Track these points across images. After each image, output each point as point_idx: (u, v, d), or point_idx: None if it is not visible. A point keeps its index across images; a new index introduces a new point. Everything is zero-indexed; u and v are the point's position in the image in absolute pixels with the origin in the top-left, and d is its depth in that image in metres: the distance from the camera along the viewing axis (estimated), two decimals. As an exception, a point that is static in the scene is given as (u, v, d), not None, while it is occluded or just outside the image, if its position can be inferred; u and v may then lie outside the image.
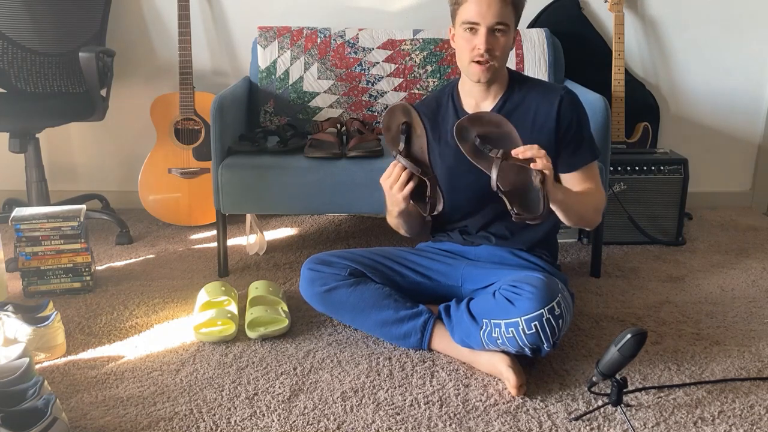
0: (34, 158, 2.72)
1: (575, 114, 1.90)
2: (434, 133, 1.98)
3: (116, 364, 1.88)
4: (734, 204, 3.25)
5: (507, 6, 1.79)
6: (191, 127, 2.86)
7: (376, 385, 1.79)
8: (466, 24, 1.81)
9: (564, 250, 2.70)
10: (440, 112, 1.99)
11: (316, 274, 1.96)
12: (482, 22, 1.78)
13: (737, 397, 1.74)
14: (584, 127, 1.92)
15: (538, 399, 1.73)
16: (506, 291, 1.75)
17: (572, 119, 1.89)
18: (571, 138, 1.89)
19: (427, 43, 2.71)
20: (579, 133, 1.90)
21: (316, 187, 2.30)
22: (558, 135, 1.89)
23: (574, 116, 1.90)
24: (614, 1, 2.89)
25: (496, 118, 1.72)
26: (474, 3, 1.78)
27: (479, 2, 1.78)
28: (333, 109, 2.71)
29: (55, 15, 2.77)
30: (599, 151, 1.97)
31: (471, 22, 1.80)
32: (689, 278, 2.46)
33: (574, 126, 1.89)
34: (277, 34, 2.73)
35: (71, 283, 2.30)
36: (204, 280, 2.36)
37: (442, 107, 1.99)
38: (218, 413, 1.67)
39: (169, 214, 2.92)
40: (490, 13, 1.77)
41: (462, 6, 1.81)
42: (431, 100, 2.04)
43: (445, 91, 2.02)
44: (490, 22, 1.78)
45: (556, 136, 1.89)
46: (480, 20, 1.78)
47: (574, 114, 1.90)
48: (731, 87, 3.11)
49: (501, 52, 1.83)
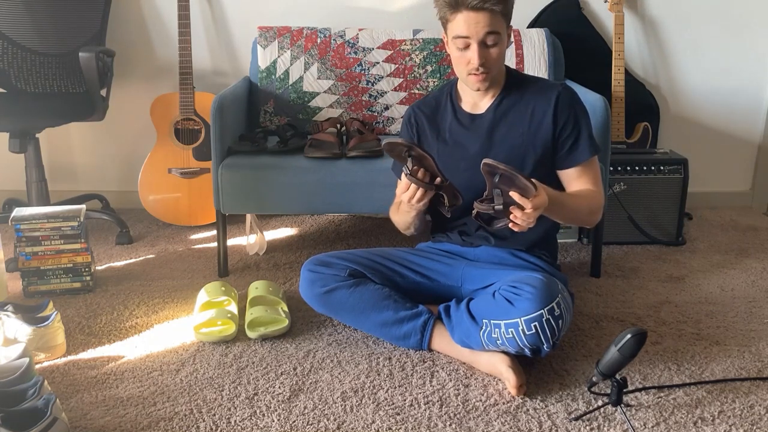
0: (34, 158, 2.72)
1: (572, 110, 1.90)
2: (433, 131, 1.98)
3: (116, 364, 1.88)
4: (734, 204, 3.25)
5: (496, 15, 1.76)
6: (191, 127, 2.86)
7: (376, 385, 1.79)
8: (457, 39, 1.79)
9: (564, 250, 2.70)
10: (439, 112, 2.00)
11: (315, 276, 1.96)
12: (473, 37, 1.77)
13: (737, 397, 1.74)
14: (582, 123, 1.91)
15: (538, 399, 1.73)
16: (506, 291, 1.75)
17: (569, 115, 1.89)
18: (569, 134, 1.89)
19: (427, 43, 2.71)
20: (576, 129, 1.90)
21: (316, 187, 2.30)
22: (555, 131, 1.89)
23: (571, 112, 1.89)
24: (614, 1, 2.89)
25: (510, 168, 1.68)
26: (463, 20, 1.76)
27: (468, 19, 1.76)
28: (333, 109, 2.71)
29: (55, 15, 2.77)
30: (599, 148, 1.96)
31: (461, 37, 1.78)
32: (689, 278, 2.46)
33: (571, 122, 1.89)
34: (277, 34, 2.73)
35: (71, 283, 2.30)
36: (204, 280, 2.36)
37: (441, 107, 2.00)
38: (218, 413, 1.67)
39: (169, 214, 2.92)
40: (479, 27, 1.75)
41: (451, 22, 1.80)
42: (431, 99, 2.04)
43: (443, 91, 2.03)
44: (481, 36, 1.77)
45: (554, 133, 1.89)
46: (470, 35, 1.77)
47: (572, 110, 1.90)
48: (731, 87, 3.11)
49: (495, 62, 1.82)
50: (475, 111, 1.94)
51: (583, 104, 1.95)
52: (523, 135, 1.90)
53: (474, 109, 1.94)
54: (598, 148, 1.94)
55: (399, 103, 2.71)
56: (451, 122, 1.96)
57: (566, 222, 1.91)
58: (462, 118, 1.95)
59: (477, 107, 1.94)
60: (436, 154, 1.96)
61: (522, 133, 1.90)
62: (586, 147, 1.91)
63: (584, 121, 1.92)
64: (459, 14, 1.76)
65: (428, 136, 1.99)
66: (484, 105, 1.93)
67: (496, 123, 1.92)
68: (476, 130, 1.93)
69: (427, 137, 1.99)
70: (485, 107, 1.93)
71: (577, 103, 1.92)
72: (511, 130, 1.91)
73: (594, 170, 1.94)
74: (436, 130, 1.98)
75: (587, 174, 1.92)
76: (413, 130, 2.02)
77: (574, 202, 1.87)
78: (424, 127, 2.00)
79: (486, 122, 1.92)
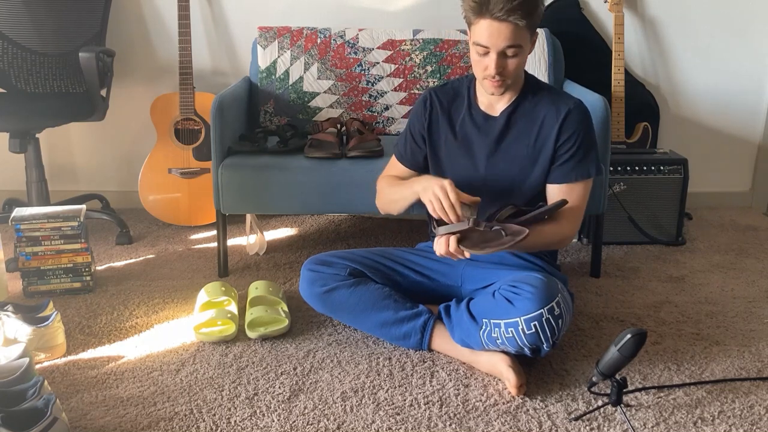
0: (34, 158, 2.72)
1: (577, 130, 1.86)
2: (445, 120, 1.96)
3: (116, 364, 1.88)
4: (734, 204, 3.25)
5: (520, 29, 1.70)
6: (191, 127, 2.86)
7: (376, 385, 1.79)
8: (477, 45, 1.75)
9: (564, 250, 2.70)
10: (455, 103, 1.96)
11: (315, 275, 1.96)
12: (492, 48, 1.73)
13: (737, 397, 1.74)
14: (582, 145, 1.86)
15: (538, 399, 1.73)
16: (506, 291, 1.75)
17: (572, 134, 1.86)
18: (565, 151, 1.86)
19: (427, 43, 2.71)
20: (573, 148, 1.86)
21: (316, 187, 2.30)
22: (555, 146, 1.87)
23: (574, 131, 1.86)
24: (614, 1, 2.89)
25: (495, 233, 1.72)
26: (485, 28, 1.71)
27: (490, 28, 1.70)
28: (333, 109, 2.71)
29: (55, 15, 2.77)
30: (590, 174, 1.88)
31: (481, 45, 1.74)
32: (689, 278, 2.46)
33: (571, 140, 1.86)
34: (277, 34, 2.73)
35: (71, 283, 2.30)
36: (204, 280, 2.36)
37: (459, 99, 1.96)
38: (218, 413, 1.67)
39: (169, 214, 2.92)
40: (500, 39, 1.71)
41: (474, 25, 1.75)
42: (449, 88, 1.99)
43: (463, 83, 1.98)
44: (501, 48, 1.72)
45: (554, 148, 1.87)
46: (490, 45, 1.73)
47: (576, 129, 1.86)
48: (731, 87, 3.11)
49: (513, 71, 1.78)
50: (490, 112, 1.92)
51: (591, 127, 1.90)
52: (529, 147, 1.89)
53: (489, 110, 1.92)
54: (591, 174, 1.88)
55: (399, 103, 2.71)
56: (465, 116, 1.94)
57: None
58: (476, 116, 1.93)
59: (492, 108, 1.92)
60: (443, 143, 1.96)
61: (528, 145, 1.89)
62: (576, 168, 1.87)
63: (585, 143, 1.87)
64: (483, 20, 1.71)
65: (440, 124, 1.97)
66: (499, 108, 1.91)
67: (506, 130, 1.90)
68: (487, 132, 1.92)
69: (438, 125, 1.97)
70: (500, 110, 1.90)
71: (584, 124, 1.87)
72: (519, 139, 1.89)
73: (578, 194, 1.87)
74: (449, 120, 1.96)
75: (570, 196, 1.85)
76: (426, 113, 1.97)
77: (536, 239, 1.79)
78: (437, 113, 1.96)
79: (497, 127, 1.90)
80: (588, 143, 1.88)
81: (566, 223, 1.86)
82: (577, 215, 1.90)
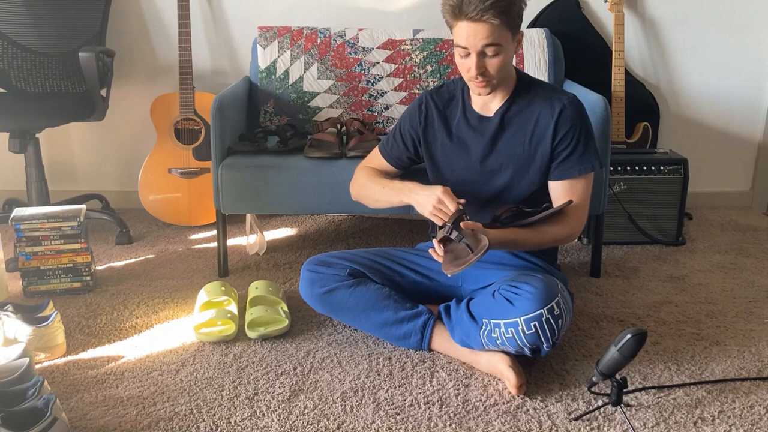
0: (34, 158, 2.72)
1: (573, 125, 1.86)
2: (441, 123, 1.97)
3: (116, 364, 1.88)
4: (734, 204, 3.25)
5: (496, 27, 1.71)
6: (191, 127, 2.86)
7: (376, 385, 1.79)
8: (458, 47, 1.77)
9: (564, 250, 2.70)
10: (451, 105, 1.97)
11: (315, 276, 1.96)
12: (471, 48, 1.74)
13: (737, 397, 1.74)
14: (580, 139, 1.87)
15: (538, 399, 1.73)
16: (506, 291, 1.75)
17: (569, 130, 1.86)
18: (564, 148, 1.87)
19: (427, 43, 2.71)
20: (572, 144, 1.86)
21: (316, 187, 2.30)
22: (553, 143, 1.87)
23: (570, 127, 1.86)
24: (614, 1, 2.89)
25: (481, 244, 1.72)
26: (463, 29, 1.73)
27: (467, 29, 1.72)
28: (333, 109, 2.71)
29: (55, 15, 2.77)
30: (594, 168, 1.89)
31: (461, 46, 1.76)
32: (689, 278, 2.46)
33: (569, 136, 1.86)
34: (277, 34, 2.73)
35: (71, 283, 2.30)
36: (204, 280, 2.36)
37: (453, 101, 1.98)
38: (218, 413, 1.67)
39: (169, 214, 2.92)
40: (478, 39, 1.72)
41: (453, 28, 1.78)
42: (445, 90, 2.00)
43: (458, 85, 1.98)
44: (479, 48, 1.73)
45: (552, 144, 1.87)
46: (468, 46, 1.74)
47: (573, 124, 1.86)
48: (731, 87, 3.11)
49: (496, 70, 1.78)
50: (484, 112, 1.92)
51: (587, 120, 1.90)
52: (525, 144, 1.89)
53: (483, 110, 1.93)
54: (591, 168, 1.89)
55: (399, 103, 2.71)
56: (460, 119, 1.95)
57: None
58: (471, 118, 1.94)
59: (486, 109, 1.92)
60: (440, 147, 1.96)
61: (524, 142, 1.89)
62: (577, 164, 1.87)
63: (583, 137, 1.87)
64: (460, 23, 1.73)
65: (435, 127, 1.97)
66: (493, 108, 1.91)
67: (501, 129, 1.90)
68: (482, 133, 1.92)
69: (434, 128, 1.98)
70: (494, 110, 1.91)
71: (579, 119, 1.87)
72: (515, 137, 1.90)
73: (581, 189, 1.89)
74: (445, 123, 1.97)
75: (573, 192, 1.87)
76: (422, 117, 1.98)
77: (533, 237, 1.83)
78: (433, 117, 1.97)
79: (492, 127, 1.91)
80: (586, 137, 1.88)
81: (572, 220, 1.88)
82: (582, 211, 1.91)
